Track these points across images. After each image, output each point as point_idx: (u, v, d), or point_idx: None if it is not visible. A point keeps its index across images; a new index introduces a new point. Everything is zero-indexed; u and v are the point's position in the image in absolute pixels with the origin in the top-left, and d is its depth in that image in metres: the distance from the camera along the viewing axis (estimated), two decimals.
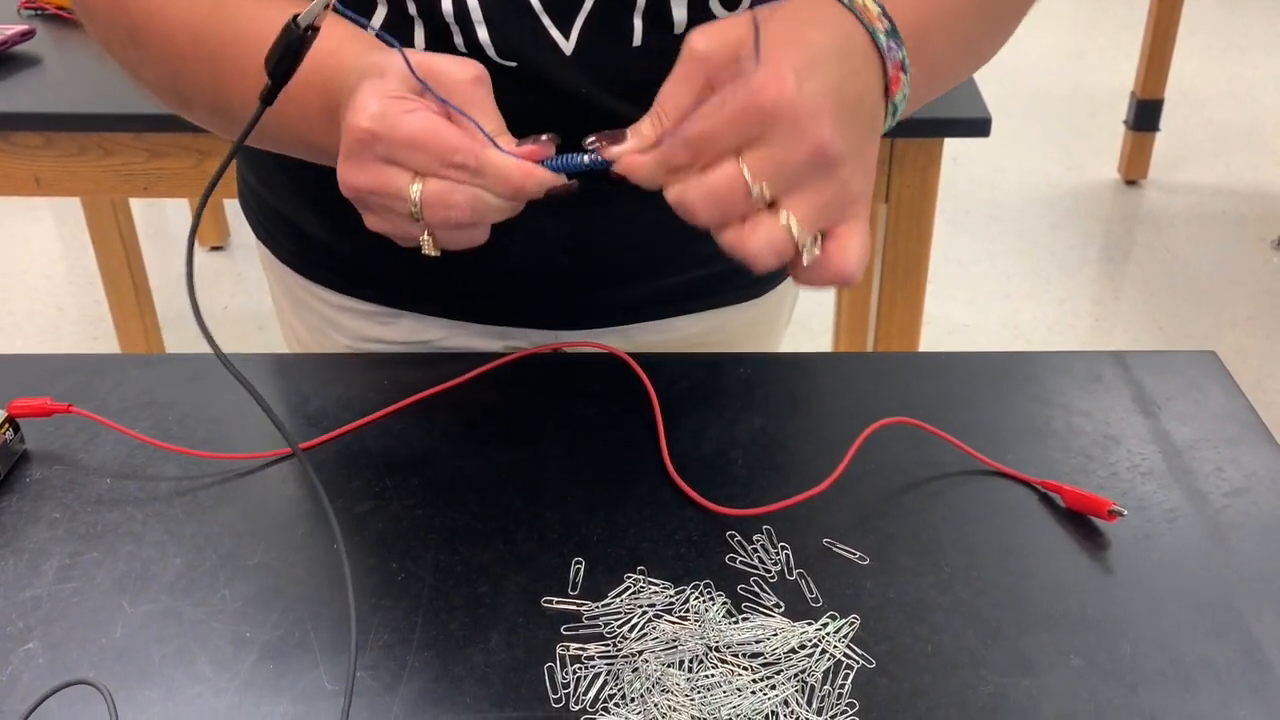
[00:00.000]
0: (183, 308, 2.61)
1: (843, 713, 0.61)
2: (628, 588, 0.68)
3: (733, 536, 0.71)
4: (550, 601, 0.67)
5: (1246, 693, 0.62)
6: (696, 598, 0.67)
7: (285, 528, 0.72)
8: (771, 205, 0.55)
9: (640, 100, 0.77)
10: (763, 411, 0.82)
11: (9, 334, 2.52)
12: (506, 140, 0.60)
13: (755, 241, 0.55)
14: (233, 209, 2.80)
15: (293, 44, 0.59)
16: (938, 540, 0.71)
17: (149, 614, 0.66)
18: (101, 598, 0.67)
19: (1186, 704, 0.61)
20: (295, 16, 0.59)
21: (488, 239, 0.63)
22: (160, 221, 2.95)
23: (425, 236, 0.61)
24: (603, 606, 0.66)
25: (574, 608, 0.66)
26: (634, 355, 0.85)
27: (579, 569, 0.69)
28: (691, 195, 0.55)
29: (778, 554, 0.70)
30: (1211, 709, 0.61)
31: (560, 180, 0.60)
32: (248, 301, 2.65)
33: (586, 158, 0.61)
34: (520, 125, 0.63)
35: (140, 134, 1.42)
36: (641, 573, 0.69)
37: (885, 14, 0.59)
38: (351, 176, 0.59)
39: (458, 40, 0.74)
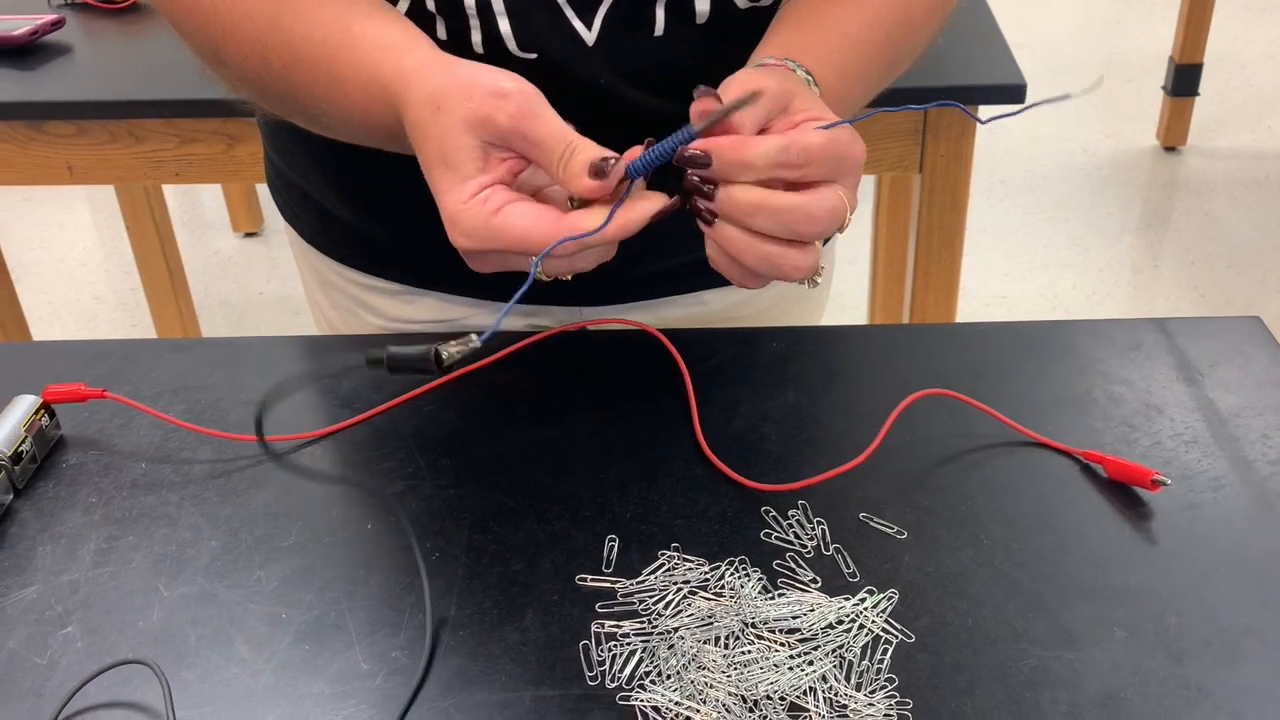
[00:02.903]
0: (218, 293, 2.64)
1: (882, 688, 0.60)
2: (662, 564, 0.67)
3: (768, 512, 0.70)
4: (584, 579, 0.66)
5: None
6: (732, 574, 0.66)
7: (319, 509, 0.72)
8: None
9: (660, 90, 0.77)
10: (796, 386, 0.81)
11: (48, 323, 2.55)
12: (580, 158, 0.59)
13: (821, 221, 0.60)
14: (266, 195, 2.81)
15: (423, 368, 0.62)
16: (976, 513, 0.70)
17: (185, 596, 0.66)
18: (138, 581, 0.67)
19: (1234, 675, 0.60)
20: (439, 353, 0.61)
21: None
22: (194, 209, 2.97)
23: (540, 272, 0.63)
24: (637, 584, 0.66)
25: (608, 585, 0.66)
26: (664, 331, 0.84)
27: (613, 546, 0.68)
28: (818, 207, 0.60)
29: (813, 529, 0.69)
30: (1260, 680, 0.60)
31: (665, 205, 0.61)
32: (282, 286, 2.67)
33: (679, 135, 0.60)
34: None
35: (170, 120, 1.42)
36: (676, 549, 0.68)
37: (797, 64, 0.67)
38: (477, 267, 0.64)
39: (475, 37, 0.73)
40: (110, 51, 1.50)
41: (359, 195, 0.86)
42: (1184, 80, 2.97)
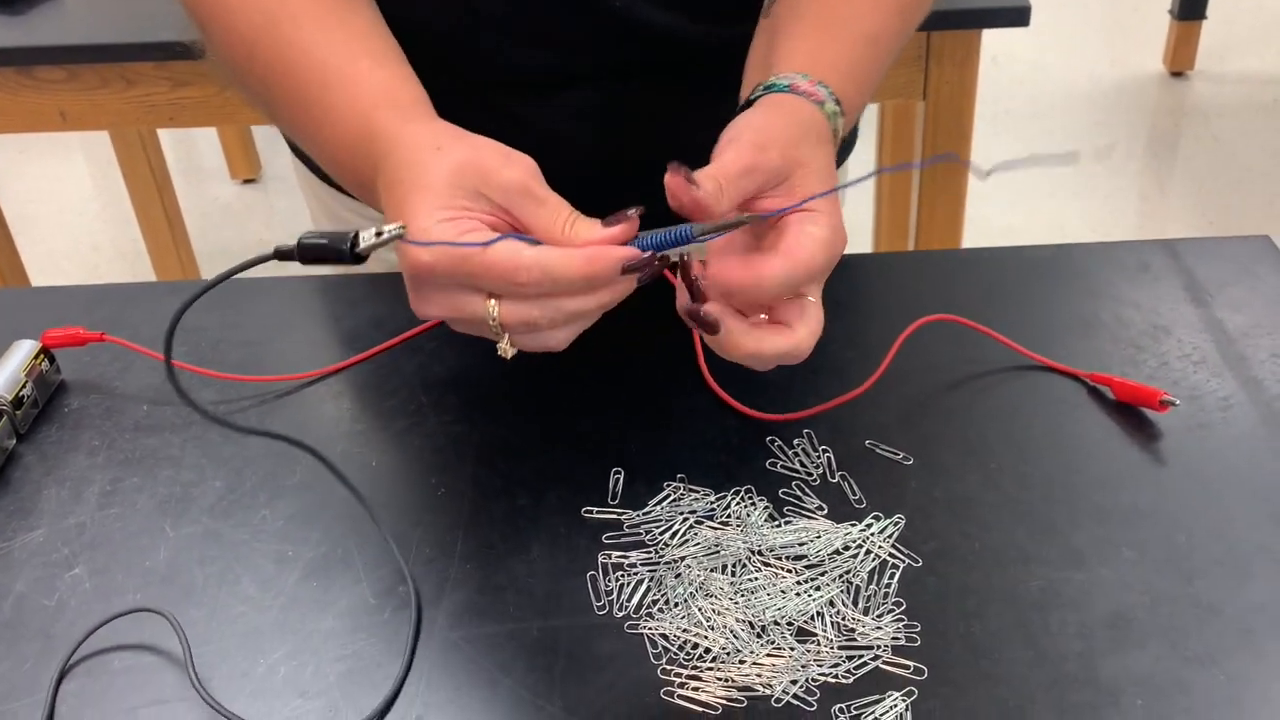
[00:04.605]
0: (219, 240, 2.62)
1: (889, 611, 0.60)
2: (668, 496, 0.67)
3: (773, 441, 0.70)
4: (590, 511, 0.66)
5: None
6: (738, 503, 0.66)
7: (323, 447, 0.71)
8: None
9: (676, 6, 0.74)
10: None
11: (49, 274, 2.54)
12: (586, 224, 0.55)
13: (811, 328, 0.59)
14: (264, 140, 2.79)
15: (337, 255, 0.55)
16: (984, 437, 0.70)
17: (191, 536, 0.66)
18: (144, 522, 0.67)
19: (1245, 593, 0.60)
20: (356, 235, 0.54)
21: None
22: (191, 156, 2.94)
23: (505, 345, 0.56)
24: (643, 515, 0.66)
25: (615, 517, 0.66)
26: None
27: (618, 479, 0.68)
28: (805, 341, 0.59)
29: (819, 457, 0.69)
30: (1270, 597, 0.60)
31: (643, 254, 0.54)
32: (283, 234, 2.65)
33: (679, 231, 0.54)
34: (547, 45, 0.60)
35: (162, 63, 1.40)
36: (681, 481, 0.68)
37: (828, 90, 0.63)
38: (424, 308, 0.56)
39: None
40: None
41: None
42: (1191, 3, 2.91)
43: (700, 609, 0.60)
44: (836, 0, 0.69)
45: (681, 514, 0.65)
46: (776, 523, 0.65)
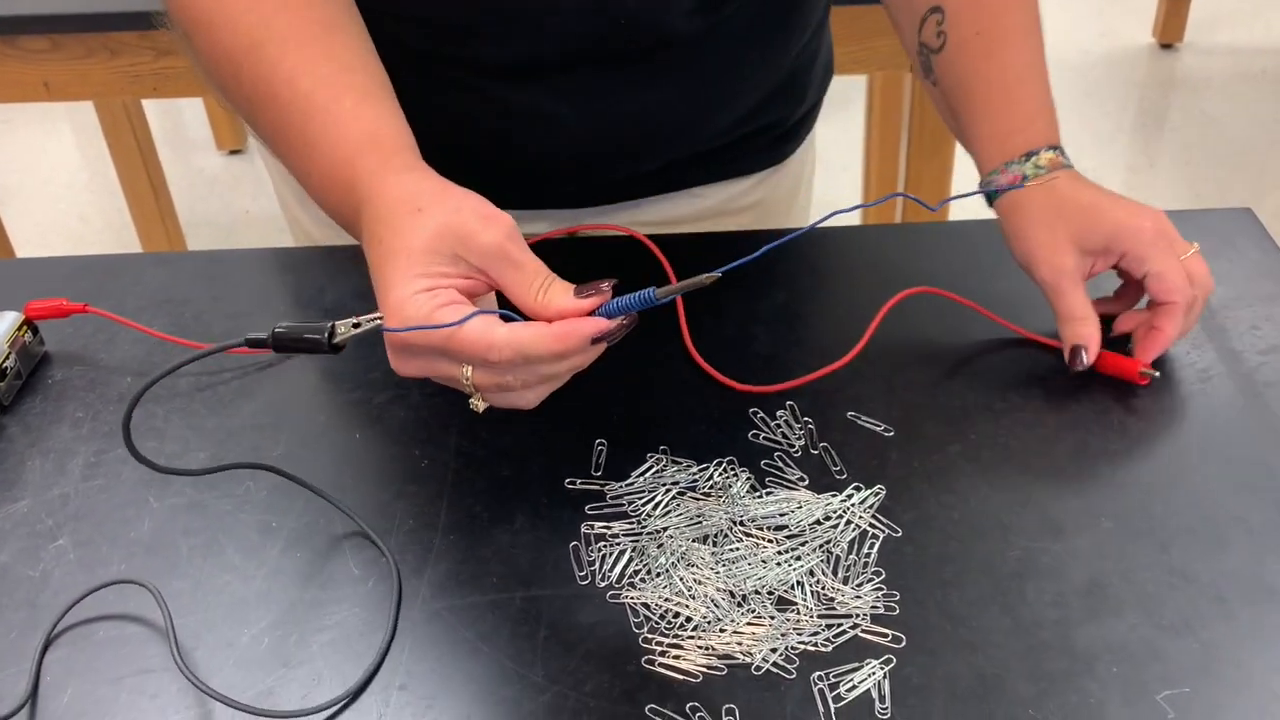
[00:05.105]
0: (205, 211, 2.61)
1: (869, 580, 0.60)
2: (650, 467, 0.67)
3: (755, 413, 0.70)
4: (573, 483, 0.66)
5: None
6: (720, 474, 0.66)
7: (306, 419, 0.72)
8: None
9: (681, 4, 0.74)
10: (785, 287, 0.80)
11: (35, 245, 2.52)
12: (560, 287, 0.56)
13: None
14: None
15: (313, 345, 0.56)
16: (964, 409, 0.70)
17: (175, 507, 0.66)
18: (128, 493, 0.67)
19: (1219, 560, 0.61)
20: (334, 326, 0.56)
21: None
22: (177, 127, 2.92)
23: (477, 400, 0.57)
24: (626, 486, 0.66)
25: (597, 488, 0.66)
26: (651, 237, 0.83)
27: (601, 450, 0.68)
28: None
29: (801, 429, 0.69)
30: (1244, 564, 0.60)
31: (611, 325, 0.55)
32: (269, 204, 2.64)
33: (642, 295, 0.55)
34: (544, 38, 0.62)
35: (146, 33, 1.39)
36: (664, 452, 0.68)
37: (1059, 150, 0.74)
38: (402, 368, 0.58)
39: None
40: None
41: None
42: None
43: (682, 579, 0.61)
44: (1008, 50, 0.75)
45: (664, 485, 0.66)
46: (758, 493, 0.65)
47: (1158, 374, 0.70)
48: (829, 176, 1.03)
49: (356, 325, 0.56)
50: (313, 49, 0.64)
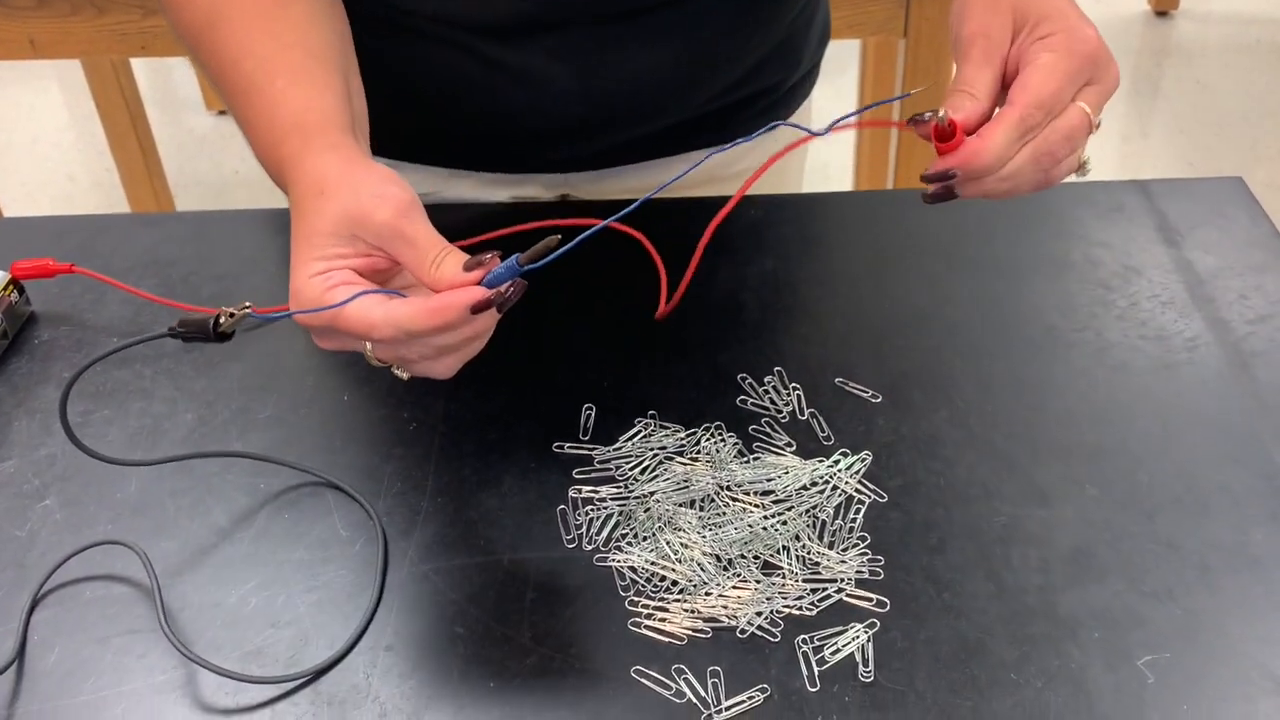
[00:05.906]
0: (194, 171, 2.59)
1: (854, 546, 0.61)
2: (638, 431, 0.67)
3: (744, 379, 0.70)
4: (561, 446, 0.67)
5: (1264, 518, 0.61)
6: (708, 439, 0.67)
7: (295, 381, 0.71)
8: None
9: None
10: (774, 253, 0.80)
11: (23, 205, 2.51)
12: (454, 259, 0.56)
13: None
14: None
15: (204, 335, 0.58)
16: (952, 376, 0.70)
17: (162, 469, 0.66)
18: (115, 454, 0.67)
19: (1203, 529, 0.61)
20: (219, 318, 0.58)
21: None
22: (166, 86, 2.90)
23: (399, 371, 0.59)
24: (614, 450, 0.66)
25: (585, 452, 0.66)
26: (643, 202, 0.83)
27: (589, 415, 0.68)
28: (1053, 142, 0.59)
29: (789, 395, 0.69)
30: (1228, 533, 0.61)
31: (489, 293, 0.55)
32: (258, 165, 2.62)
33: (508, 264, 0.55)
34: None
35: None
36: (652, 417, 0.68)
37: None
38: (321, 345, 0.60)
39: None
40: None
41: None
42: None
43: (668, 542, 0.61)
44: None
45: (652, 450, 0.66)
46: (745, 459, 0.65)
47: (931, 190, 0.59)
48: (821, 141, 1.03)
49: (233, 315, 0.58)
50: (257, 27, 0.64)
